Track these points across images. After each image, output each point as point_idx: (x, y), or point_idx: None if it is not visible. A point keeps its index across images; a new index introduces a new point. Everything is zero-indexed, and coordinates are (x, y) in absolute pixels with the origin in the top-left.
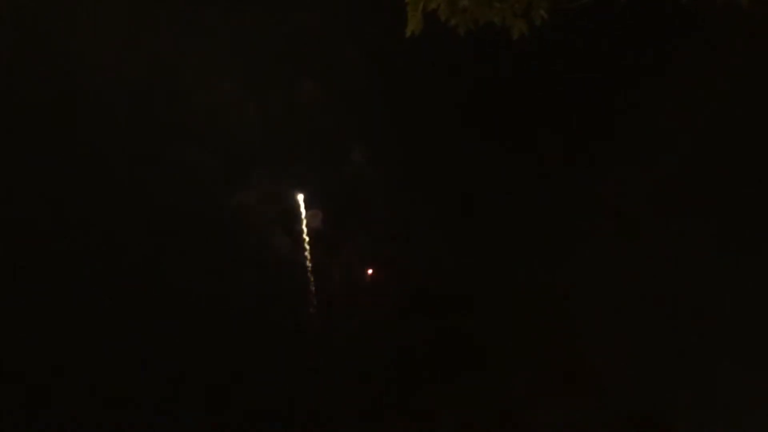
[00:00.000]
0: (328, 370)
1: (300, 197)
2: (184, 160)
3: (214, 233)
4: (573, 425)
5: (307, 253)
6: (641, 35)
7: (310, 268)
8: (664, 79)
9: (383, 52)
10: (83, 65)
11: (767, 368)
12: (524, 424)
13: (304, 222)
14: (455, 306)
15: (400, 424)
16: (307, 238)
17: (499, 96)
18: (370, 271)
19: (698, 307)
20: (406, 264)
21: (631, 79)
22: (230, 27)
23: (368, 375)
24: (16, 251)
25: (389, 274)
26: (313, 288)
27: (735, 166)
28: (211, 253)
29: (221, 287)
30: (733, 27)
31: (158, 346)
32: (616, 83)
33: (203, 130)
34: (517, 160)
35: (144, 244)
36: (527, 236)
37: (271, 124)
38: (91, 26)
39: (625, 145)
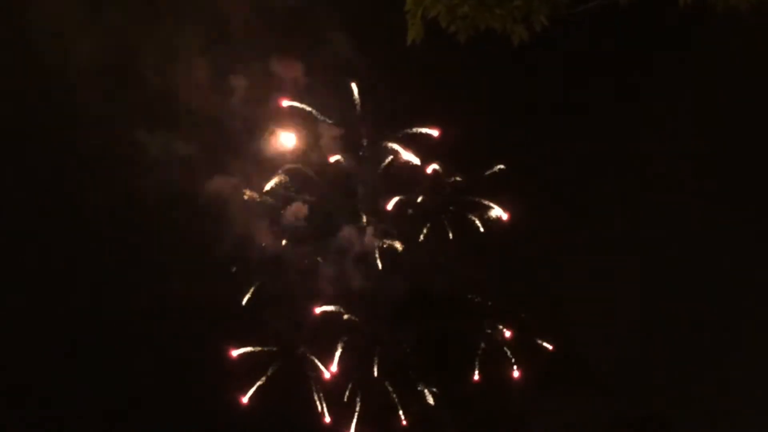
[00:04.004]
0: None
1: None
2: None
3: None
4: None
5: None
6: (641, 41)
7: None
8: (663, 83)
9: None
10: (50, 47)
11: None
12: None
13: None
14: (455, 307)
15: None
16: None
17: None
18: None
19: (700, 308)
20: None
21: (630, 83)
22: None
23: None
24: None
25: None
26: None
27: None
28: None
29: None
30: (734, 32)
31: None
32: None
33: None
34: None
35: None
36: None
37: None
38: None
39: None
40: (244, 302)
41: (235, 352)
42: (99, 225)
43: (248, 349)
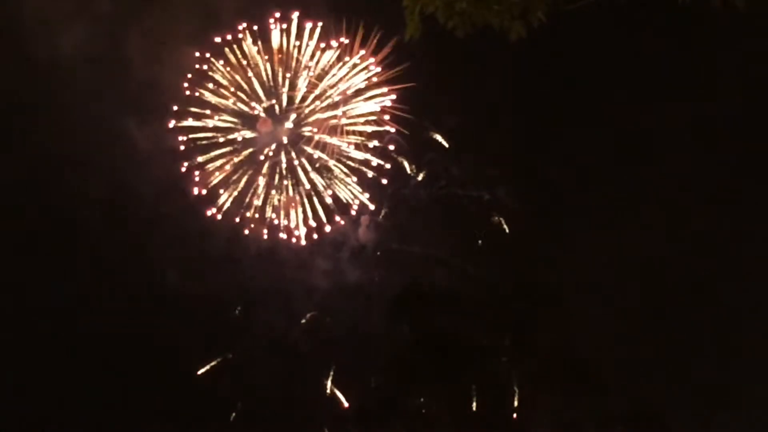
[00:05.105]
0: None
1: None
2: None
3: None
4: (572, 424)
5: None
6: (639, 36)
7: None
8: (661, 78)
9: None
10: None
11: (766, 367)
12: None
13: None
14: (452, 305)
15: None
16: None
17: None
18: None
19: (697, 307)
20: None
21: (628, 78)
22: None
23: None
24: None
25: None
26: None
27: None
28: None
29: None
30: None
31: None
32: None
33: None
34: None
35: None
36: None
37: None
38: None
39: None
40: (237, 311)
41: (228, 352)
42: (94, 221)
43: (241, 348)
